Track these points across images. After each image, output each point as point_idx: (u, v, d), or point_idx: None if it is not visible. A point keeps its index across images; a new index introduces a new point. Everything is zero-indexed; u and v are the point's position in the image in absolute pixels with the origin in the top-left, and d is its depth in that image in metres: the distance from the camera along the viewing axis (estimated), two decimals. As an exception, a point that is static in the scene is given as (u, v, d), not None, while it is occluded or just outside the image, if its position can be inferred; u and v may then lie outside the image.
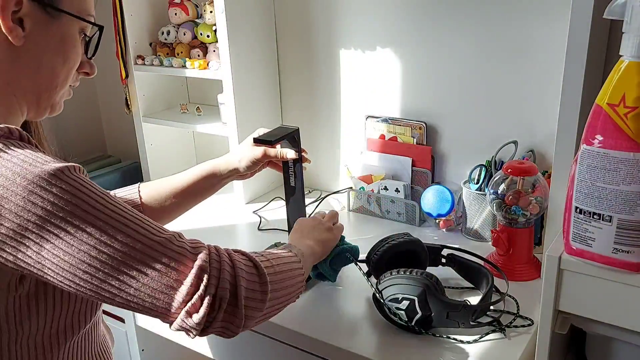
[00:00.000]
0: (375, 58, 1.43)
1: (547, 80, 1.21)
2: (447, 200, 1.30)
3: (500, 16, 1.23)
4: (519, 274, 1.11)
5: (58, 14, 0.74)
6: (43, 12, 0.73)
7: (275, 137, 1.11)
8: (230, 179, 1.16)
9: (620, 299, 0.71)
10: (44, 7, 0.72)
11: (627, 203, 0.67)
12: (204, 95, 1.81)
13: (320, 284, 1.14)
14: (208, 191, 1.16)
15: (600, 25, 0.93)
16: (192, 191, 1.13)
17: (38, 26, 0.73)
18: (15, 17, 0.71)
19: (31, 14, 0.71)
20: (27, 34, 0.72)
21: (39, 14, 0.72)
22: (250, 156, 1.14)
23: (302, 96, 1.60)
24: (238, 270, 0.71)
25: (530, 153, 1.26)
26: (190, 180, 1.13)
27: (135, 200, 1.10)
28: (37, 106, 0.78)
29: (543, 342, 0.79)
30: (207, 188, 1.15)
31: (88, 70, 0.82)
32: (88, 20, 0.77)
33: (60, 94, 0.80)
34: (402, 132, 1.42)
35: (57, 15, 0.73)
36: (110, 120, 2.03)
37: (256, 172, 1.18)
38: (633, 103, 0.64)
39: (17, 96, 0.75)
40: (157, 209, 1.11)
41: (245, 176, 1.18)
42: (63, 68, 0.77)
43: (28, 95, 0.76)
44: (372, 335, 0.98)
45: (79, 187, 0.65)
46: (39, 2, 0.72)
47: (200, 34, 1.56)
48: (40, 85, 0.76)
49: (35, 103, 0.77)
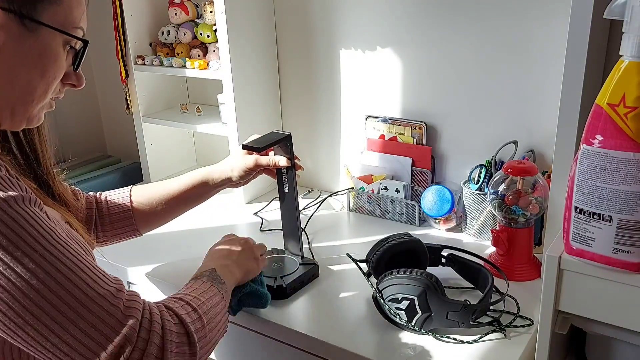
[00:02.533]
0: (375, 58, 1.43)
1: (547, 80, 1.21)
2: (447, 200, 1.30)
3: (500, 16, 1.23)
4: (519, 274, 1.11)
5: (37, 26, 0.69)
6: (19, 25, 0.68)
7: (264, 143, 1.09)
8: (222, 187, 1.15)
9: (620, 299, 0.71)
10: (20, 19, 0.68)
11: (627, 203, 0.67)
12: (204, 95, 1.81)
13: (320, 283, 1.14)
14: (200, 198, 1.15)
15: (600, 25, 0.93)
16: (183, 198, 1.12)
17: (13, 39, 0.68)
18: None
19: (5, 26, 0.67)
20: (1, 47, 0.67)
21: (15, 26, 0.68)
22: (243, 165, 1.12)
23: (302, 96, 1.60)
24: (167, 342, 0.68)
25: (530, 153, 1.26)
26: (182, 187, 1.12)
27: (126, 204, 1.10)
28: (12, 118, 0.73)
29: (543, 342, 0.79)
30: (199, 195, 1.14)
31: (74, 82, 0.78)
32: (72, 34, 0.73)
33: (39, 107, 0.75)
34: (402, 132, 1.42)
35: (35, 28, 0.69)
36: (110, 120, 2.03)
37: (250, 180, 1.16)
38: (633, 103, 0.64)
39: None
40: (148, 213, 1.11)
41: (238, 184, 1.16)
42: (41, 82, 0.72)
43: (1, 107, 0.72)
44: (372, 335, 0.98)
45: (19, 221, 0.61)
46: (15, 14, 0.67)
47: (200, 34, 1.56)
48: (15, 98, 0.71)
49: (9, 115, 0.73)
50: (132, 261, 1.22)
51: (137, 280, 1.22)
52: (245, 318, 1.06)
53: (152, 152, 1.76)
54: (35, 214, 0.63)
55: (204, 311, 0.78)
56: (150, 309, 0.69)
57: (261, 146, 1.08)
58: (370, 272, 1.10)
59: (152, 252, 1.24)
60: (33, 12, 0.69)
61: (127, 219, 1.10)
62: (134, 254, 1.15)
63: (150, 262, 1.24)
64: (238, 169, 1.12)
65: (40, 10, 0.69)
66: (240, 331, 1.09)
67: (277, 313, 1.04)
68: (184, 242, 1.31)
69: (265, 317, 1.03)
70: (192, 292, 0.82)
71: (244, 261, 1.01)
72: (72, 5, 0.73)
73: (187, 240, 1.32)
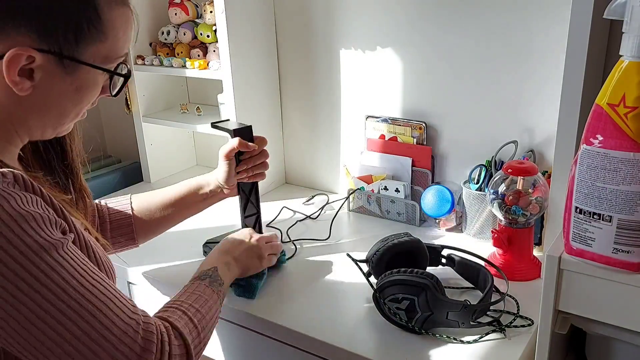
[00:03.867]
0: (375, 58, 1.43)
1: (547, 80, 1.21)
2: (447, 200, 1.30)
3: (500, 16, 1.23)
4: (519, 274, 1.11)
5: (78, 66, 0.68)
6: (58, 65, 0.67)
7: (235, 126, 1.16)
8: (217, 194, 1.16)
9: (620, 299, 0.71)
10: (60, 60, 0.66)
11: (627, 203, 0.67)
12: (204, 95, 1.81)
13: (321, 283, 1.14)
14: (197, 205, 1.16)
15: (600, 25, 0.93)
16: (181, 203, 1.14)
17: (50, 78, 0.67)
18: (25, 69, 0.65)
19: (44, 67, 0.66)
20: (36, 84, 0.67)
21: (54, 67, 0.67)
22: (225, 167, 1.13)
23: (302, 96, 1.60)
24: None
25: (530, 153, 1.26)
26: (179, 192, 1.14)
27: (127, 212, 1.10)
28: (42, 135, 0.75)
29: (543, 342, 0.79)
30: (196, 202, 1.15)
31: (109, 93, 0.78)
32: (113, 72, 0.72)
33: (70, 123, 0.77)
34: (402, 132, 1.42)
35: (76, 67, 0.68)
36: (110, 120, 2.03)
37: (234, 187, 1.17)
38: (633, 103, 0.64)
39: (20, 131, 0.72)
40: (147, 221, 1.12)
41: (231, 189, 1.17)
42: (76, 108, 0.73)
43: (32, 130, 0.73)
44: (372, 335, 0.98)
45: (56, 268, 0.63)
46: (56, 55, 0.66)
47: (200, 34, 1.56)
48: (48, 121, 0.73)
49: (40, 134, 0.75)
50: (132, 261, 1.22)
51: (137, 280, 1.22)
52: (245, 318, 1.06)
53: (152, 152, 1.76)
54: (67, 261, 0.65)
55: (200, 321, 0.81)
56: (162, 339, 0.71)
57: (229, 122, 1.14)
58: (370, 272, 1.10)
59: (153, 252, 1.24)
60: (74, 52, 0.67)
61: (127, 226, 1.10)
62: (134, 253, 1.15)
63: (150, 262, 1.24)
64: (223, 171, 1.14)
65: (83, 49, 0.68)
66: (241, 331, 1.09)
67: (277, 313, 1.04)
68: (184, 242, 1.31)
69: (265, 316, 1.03)
70: (194, 301, 0.84)
71: (246, 259, 1.06)
72: (119, 38, 0.71)
73: (187, 240, 1.32)
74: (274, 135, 1.64)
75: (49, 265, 0.62)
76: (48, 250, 0.63)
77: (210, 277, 0.94)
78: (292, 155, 1.68)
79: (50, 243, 0.63)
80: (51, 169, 0.84)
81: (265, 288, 1.12)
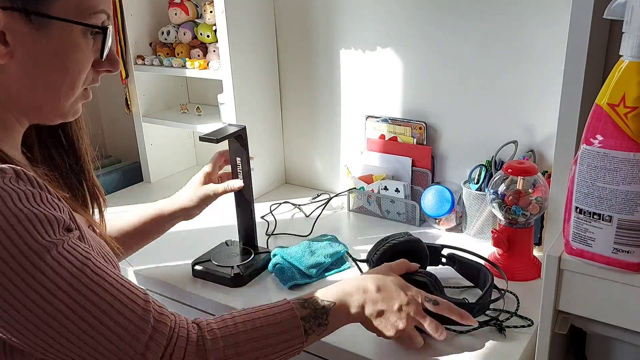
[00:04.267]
0: (375, 58, 1.43)
1: (547, 80, 1.21)
2: (447, 200, 1.30)
3: (500, 16, 1.23)
4: (519, 274, 1.11)
5: (47, 21, 0.62)
6: (26, 23, 0.61)
7: (221, 134, 1.10)
8: (179, 219, 1.13)
9: (620, 299, 0.71)
10: (27, 16, 0.61)
11: (627, 203, 0.67)
12: (204, 95, 1.81)
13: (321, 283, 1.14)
14: (156, 232, 1.13)
15: (600, 25, 0.93)
16: (138, 233, 1.09)
17: (23, 40, 0.62)
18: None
19: (12, 27, 0.61)
20: (12, 50, 0.62)
21: (21, 26, 0.61)
22: (200, 194, 1.11)
23: (302, 96, 1.60)
24: None
25: (530, 153, 1.26)
26: (136, 222, 1.09)
27: None
28: (39, 117, 0.71)
29: (543, 342, 0.79)
30: (154, 230, 1.11)
31: (108, 67, 0.72)
32: (88, 24, 0.66)
33: (70, 102, 0.70)
34: (402, 132, 1.42)
35: (46, 24, 0.62)
36: (110, 120, 2.03)
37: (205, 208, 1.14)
38: (633, 103, 0.64)
39: (14, 112, 0.68)
40: None
41: (192, 215, 1.14)
42: (64, 79, 0.67)
43: (28, 111, 0.69)
44: (372, 335, 0.98)
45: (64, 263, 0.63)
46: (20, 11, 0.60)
47: (200, 34, 1.56)
48: (40, 99, 0.67)
49: (37, 116, 0.70)
50: (131, 261, 1.22)
51: (137, 280, 1.22)
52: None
53: (152, 152, 1.76)
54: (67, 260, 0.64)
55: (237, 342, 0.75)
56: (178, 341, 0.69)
57: (218, 137, 1.08)
58: (370, 272, 1.09)
59: (153, 252, 1.23)
60: (40, 6, 0.61)
61: None
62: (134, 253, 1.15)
63: (151, 262, 1.23)
64: (196, 199, 1.11)
65: (49, 3, 0.62)
66: (241, 331, 1.09)
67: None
68: (185, 243, 1.31)
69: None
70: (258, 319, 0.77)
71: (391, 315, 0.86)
72: None
73: (188, 240, 1.32)
74: (274, 134, 1.64)
75: (48, 265, 0.62)
76: (49, 249, 0.62)
77: (313, 310, 0.80)
78: (292, 155, 1.68)
79: (51, 242, 0.63)
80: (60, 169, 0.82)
81: (265, 288, 1.12)
